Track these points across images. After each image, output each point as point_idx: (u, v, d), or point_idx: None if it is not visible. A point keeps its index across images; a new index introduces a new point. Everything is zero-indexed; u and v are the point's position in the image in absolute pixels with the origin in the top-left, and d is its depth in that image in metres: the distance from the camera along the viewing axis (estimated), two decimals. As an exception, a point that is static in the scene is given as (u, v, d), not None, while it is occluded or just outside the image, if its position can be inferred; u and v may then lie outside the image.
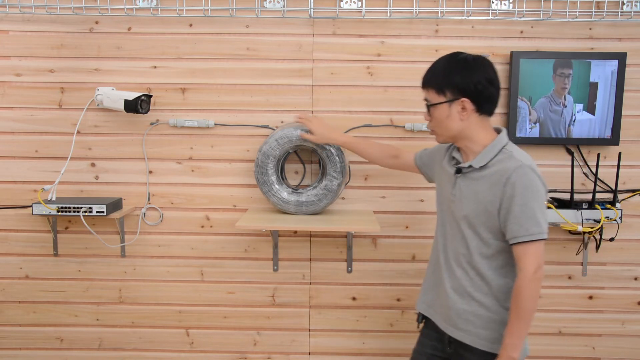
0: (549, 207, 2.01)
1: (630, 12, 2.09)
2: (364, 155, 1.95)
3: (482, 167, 1.47)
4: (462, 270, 1.51)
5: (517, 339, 1.39)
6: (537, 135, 2.12)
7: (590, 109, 2.11)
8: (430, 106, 1.51)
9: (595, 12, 2.10)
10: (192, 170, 2.22)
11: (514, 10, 2.11)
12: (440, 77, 1.48)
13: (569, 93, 2.09)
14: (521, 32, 2.14)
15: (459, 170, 1.52)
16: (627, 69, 2.10)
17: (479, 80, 1.44)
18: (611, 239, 2.16)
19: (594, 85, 2.09)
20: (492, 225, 1.45)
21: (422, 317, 1.68)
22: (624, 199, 2.20)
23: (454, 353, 1.57)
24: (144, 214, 2.24)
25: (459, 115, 1.47)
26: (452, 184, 1.55)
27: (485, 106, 1.47)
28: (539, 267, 1.39)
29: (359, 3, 2.12)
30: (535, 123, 2.11)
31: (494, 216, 1.43)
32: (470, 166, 1.49)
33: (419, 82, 2.11)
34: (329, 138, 1.95)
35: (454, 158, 1.57)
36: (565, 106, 2.10)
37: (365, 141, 1.97)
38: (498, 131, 1.53)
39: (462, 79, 1.45)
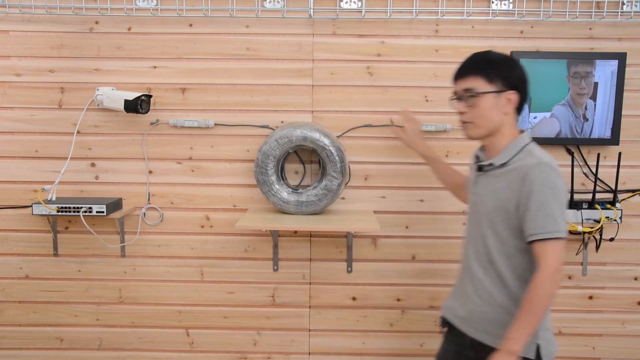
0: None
1: (630, 12, 2.09)
2: (439, 174, 1.93)
3: (502, 165, 1.48)
4: (483, 270, 1.51)
5: (522, 335, 1.37)
6: (537, 136, 2.12)
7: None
8: (475, 95, 1.48)
9: (595, 12, 2.10)
10: (192, 170, 2.22)
11: (514, 10, 2.11)
12: (489, 67, 1.48)
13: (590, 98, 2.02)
14: (521, 32, 2.14)
15: (480, 168, 1.54)
16: (627, 69, 2.10)
17: (521, 76, 1.49)
18: (611, 239, 2.16)
19: (594, 85, 2.09)
20: (512, 224, 1.44)
21: (444, 321, 1.69)
22: (624, 199, 2.20)
23: (474, 357, 1.55)
24: (144, 214, 2.24)
25: (503, 108, 1.48)
26: (474, 182, 1.58)
27: (522, 103, 1.51)
28: (557, 267, 1.36)
29: (359, 3, 2.12)
30: (555, 136, 2.08)
31: (513, 214, 1.43)
32: (490, 164, 1.50)
33: (419, 82, 2.16)
34: (414, 143, 1.96)
35: (477, 157, 1.59)
36: (587, 119, 2.03)
37: (443, 162, 1.94)
38: (522, 132, 1.55)
39: (510, 71, 1.48)
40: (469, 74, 1.49)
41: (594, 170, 2.15)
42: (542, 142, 2.12)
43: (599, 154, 2.10)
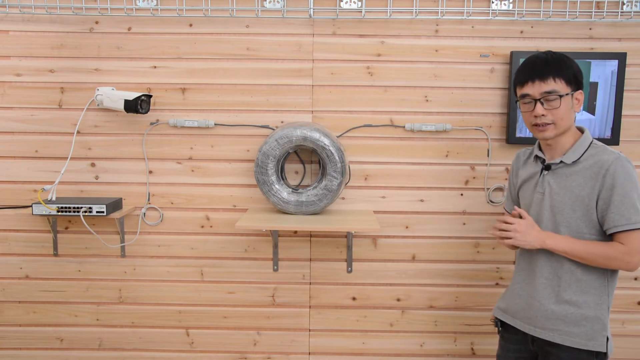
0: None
1: (630, 12, 2.09)
2: None
3: (573, 163, 1.51)
4: (551, 269, 1.52)
5: (563, 244, 1.45)
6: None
7: (590, 109, 2.11)
8: (560, 97, 1.48)
9: (595, 12, 2.10)
10: (192, 170, 2.22)
11: (514, 10, 2.11)
12: (568, 69, 1.49)
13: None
14: (521, 32, 2.14)
15: (548, 167, 1.55)
16: (627, 69, 2.10)
17: (582, 75, 1.52)
18: (611, 239, 2.16)
19: (594, 85, 2.09)
20: (591, 218, 1.48)
21: (499, 322, 1.70)
22: (624, 199, 2.19)
23: (539, 350, 1.58)
24: (144, 214, 2.24)
25: (575, 107, 1.52)
26: (536, 182, 1.58)
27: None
28: (638, 252, 1.43)
29: (359, 3, 2.12)
30: None
31: (592, 208, 1.47)
32: (561, 162, 1.53)
33: (419, 82, 2.16)
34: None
35: (537, 157, 1.60)
36: None
37: None
38: (579, 129, 1.58)
39: (579, 71, 1.51)
40: (550, 76, 1.48)
41: (594, 170, 2.15)
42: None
43: (599, 154, 2.10)
